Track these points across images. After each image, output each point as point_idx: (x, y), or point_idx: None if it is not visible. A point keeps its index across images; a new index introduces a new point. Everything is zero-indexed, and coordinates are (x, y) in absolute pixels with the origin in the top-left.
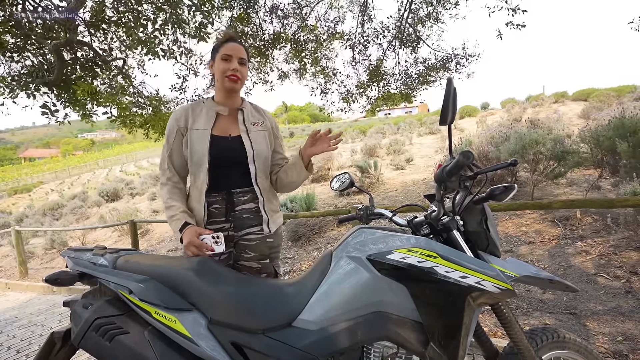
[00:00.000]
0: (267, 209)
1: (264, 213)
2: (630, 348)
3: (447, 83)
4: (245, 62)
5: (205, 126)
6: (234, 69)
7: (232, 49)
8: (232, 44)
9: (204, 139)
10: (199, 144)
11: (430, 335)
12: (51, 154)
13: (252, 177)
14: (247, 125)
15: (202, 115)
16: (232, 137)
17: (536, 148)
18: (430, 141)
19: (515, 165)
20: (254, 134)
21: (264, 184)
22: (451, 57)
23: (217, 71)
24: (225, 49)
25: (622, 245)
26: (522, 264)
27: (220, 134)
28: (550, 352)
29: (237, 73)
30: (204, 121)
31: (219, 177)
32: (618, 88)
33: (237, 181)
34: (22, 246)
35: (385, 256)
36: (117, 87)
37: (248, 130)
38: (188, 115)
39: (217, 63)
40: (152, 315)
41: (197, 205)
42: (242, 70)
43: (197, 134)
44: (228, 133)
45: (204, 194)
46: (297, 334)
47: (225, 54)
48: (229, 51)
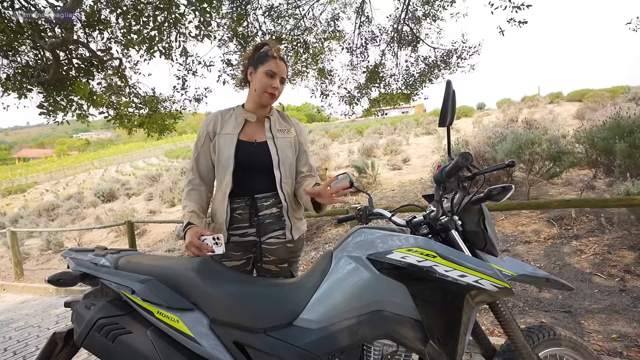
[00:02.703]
0: (290, 215)
1: (287, 219)
2: (625, 345)
3: (447, 85)
4: (285, 81)
5: (232, 131)
6: (276, 87)
7: (278, 67)
8: (278, 62)
9: (230, 144)
10: (225, 148)
11: (430, 333)
12: (46, 154)
13: (277, 182)
14: (274, 132)
15: (231, 121)
16: (257, 143)
17: (532, 148)
18: (427, 141)
19: (513, 166)
20: (280, 140)
21: (288, 190)
22: (452, 52)
23: (258, 83)
24: (271, 64)
25: (616, 244)
26: (519, 262)
27: (247, 139)
28: (547, 350)
29: (277, 91)
30: (232, 127)
31: (243, 181)
32: (612, 89)
33: (262, 187)
34: (18, 247)
35: (385, 256)
36: (114, 87)
37: (274, 137)
38: (217, 121)
39: (259, 75)
40: (155, 315)
41: (220, 208)
42: (280, 89)
43: (225, 139)
44: (254, 139)
45: (227, 197)
46: (298, 332)
47: (271, 70)
48: (274, 69)
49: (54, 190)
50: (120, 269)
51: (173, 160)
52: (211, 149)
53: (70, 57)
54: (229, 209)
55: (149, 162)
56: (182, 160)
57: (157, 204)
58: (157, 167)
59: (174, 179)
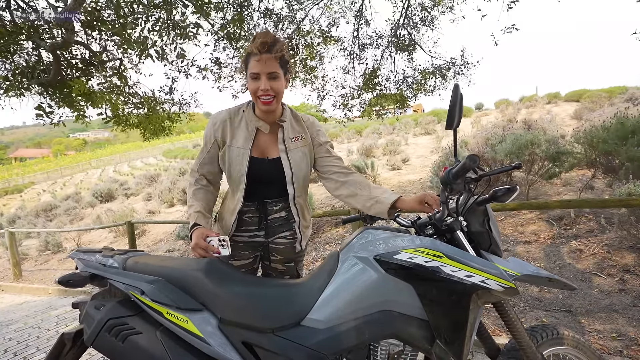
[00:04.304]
0: (301, 228)
1: (298, 233)
2: (624, 344)
3: (454, 89)
4: (279, 75)
5: (244, 145)
6: (264, 88)
7: (260, 65)
8: (259, 57)
9: (242, 159)
10: (237, 164)
11: (437, 333)
12: (42, 154)
13: (290, 199)
14: (287, 143)
15: (242, 129)
16: (269, 160)
17: (531, 149)
18: (426, 141)
19: (519, 168)
20: (293, 152)
21: (301, 203)
22: (449, 65)
23: (249, 90)
24: (252, 65)
25: (615, 244)
26: (522, 263)
27: (259, 156)
28: (550, 349)
29: (270, 92)
30: (243, 138)
31: (255, 190)
32: (609, 89)
33: (272, 194)
34: (16, 248)
35: (392, 256)
36: (112, 87)
37: (287, 149)
38: (226, 127)
39: (248, 81)
40: (164, 316)
41: (228, 217)
42: (275, 87)
43: (236, 153)
44: (266, 155)
45: (237, 211)
46: (306, 332)
47: (252, 72)
48: (255, 68)
49: (51, 191)
50: (129, 270)
51: (171, 160)
52: (220, 158)
53: (70, 58)
54: (238, 213)
55: (147, 162)
56: (181, 160)
57: (156, 204)
58: (155, 167)
59: (173, 179)
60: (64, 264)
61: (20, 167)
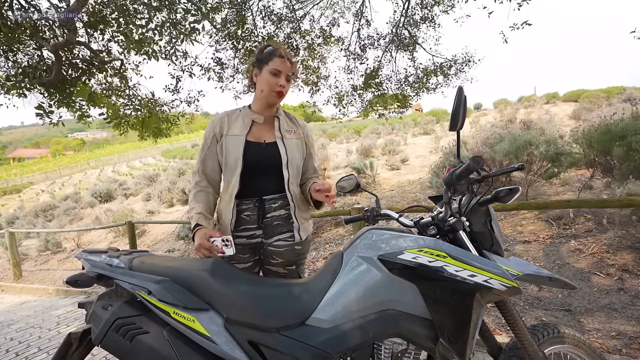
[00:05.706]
0: (298, 216)
1: (295, 220)
2: (624, 343)
3: (458, 91)
4: (291, 79)
5: (240, 132)
6: (282, 85)
7: (282, 66)
8: (283, 60)
9: (238, 145)
10: (233, 150)
11: (440, 332)
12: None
13: (285, 183)
14: (282, 132)
15: (238, 122)
16: (266, 144)
17: (530, 149)
18: (425, 141)
19: (522, 169)
20: (289, 141)
21: (295, 190)
22: (450, 63)
23: (264, 83)
24: (275, 63)
25: (614, 244)
26: (523, 262)
27: (255, 140)
28: (551, 347)
29: (284, 89)
30: (239, 128)
31: (251, 182)
32: (607, 89)
33: (269, 188)
34: (16, 248)
35: (396, 256)
36: (113, 87)
37: (283, 137)
38: (224, 122)
39: (265, 75)
40: (171, 316)
41: (226, 209)
42: (287, 87)
43: (232, 140)
44: (262, 139)
45: (233, 199)
46: (311, 332)
47: (276, 69)
48: (279, 67)
49: (50, 191)
50: (135, 270)
51: (170, 160)
52: (218, 150)
53: (71, 58)
54: (236, 210)
55: (146, 162)
56: (180, 160)
57: (156, 204)
58: (154, 167)
59: (172, 179)
60: (64, 264)
61: (19, 167)
